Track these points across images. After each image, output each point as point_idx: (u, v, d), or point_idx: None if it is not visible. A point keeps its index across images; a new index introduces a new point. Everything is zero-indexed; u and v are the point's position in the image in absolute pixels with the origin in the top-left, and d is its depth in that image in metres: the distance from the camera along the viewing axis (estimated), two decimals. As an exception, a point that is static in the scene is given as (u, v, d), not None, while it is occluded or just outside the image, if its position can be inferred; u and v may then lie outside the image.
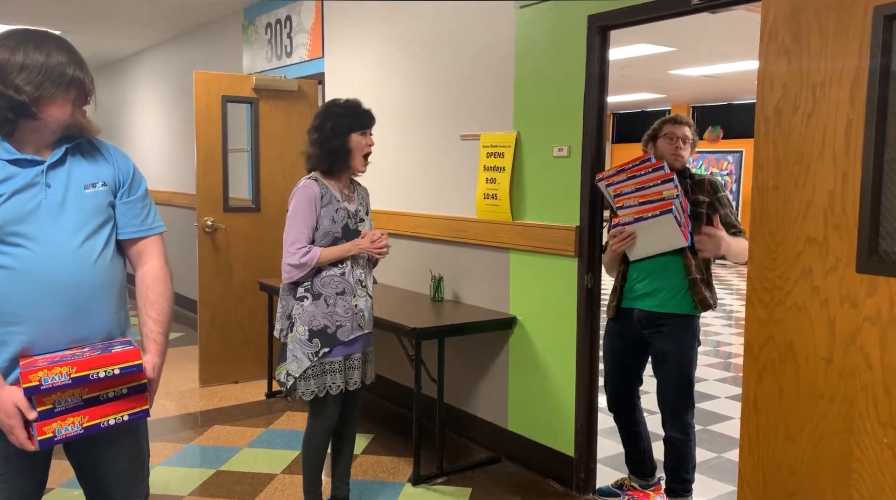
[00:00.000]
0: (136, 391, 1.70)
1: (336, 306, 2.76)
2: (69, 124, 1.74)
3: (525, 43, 3.48)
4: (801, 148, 1.93)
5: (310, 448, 2.90)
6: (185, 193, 7.02)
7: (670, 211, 2.82)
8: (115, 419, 1.68)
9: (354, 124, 2.78)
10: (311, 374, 2.75)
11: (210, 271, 4.94)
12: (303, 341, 2.75)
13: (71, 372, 1.60)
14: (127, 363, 1.66)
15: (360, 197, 2.93)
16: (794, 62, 1.93)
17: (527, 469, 3.59)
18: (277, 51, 5.57)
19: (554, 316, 3.43)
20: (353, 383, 2.85)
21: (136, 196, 1.89)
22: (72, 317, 1.72)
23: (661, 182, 2.86)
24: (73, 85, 1.70)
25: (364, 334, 2.86)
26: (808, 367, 1.94)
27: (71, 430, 1.63)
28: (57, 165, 1.75)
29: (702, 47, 7.21)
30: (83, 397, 1.64)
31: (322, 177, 2.82)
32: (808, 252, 1.93)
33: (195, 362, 5.12)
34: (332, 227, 2.76)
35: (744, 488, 2.13)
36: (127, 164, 1.90)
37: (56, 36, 1.75)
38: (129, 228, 1.87)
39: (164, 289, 1.90)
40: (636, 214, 2.91)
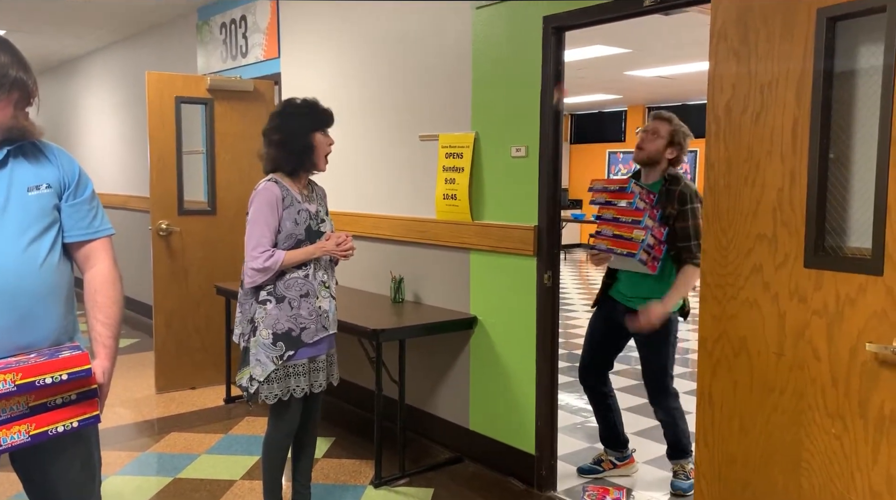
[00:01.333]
0: (85, 397, 1.66)
1: (300, 309, 2.73)
2: (10, 127, 1.69)
3: (482, 44, 3.50)
4: (751, 147, 1.98)
5: (271, 452, 2.86)
6: (140, 197, 6.88)
7: (634, 255, 3.03)
8: (64, 425, 1.64)
9: (316, 123, 2.76)
10: (274, 377, 2.72)
11: (165, 275, 4.84)
12: (266, 345, 2.72)
13: (16, 379, 1.55)
14: (75, 368, 1.61)
15: (319, 197, 2.90)
16: (743, 64, 1.97)
17: (489, 469, 3.61)
18: (233, 51, 5.49)
19: (514, 315, 3.45)
20: (318, 385, 2.83)
21: (83, 198, 1.85)
22: (16, 324, 1.67)
23: (632, 221, 3.04)
24: (15, 87, 1.65)
25: (328, 335, 2.83)
26: (760, 361, 1.99)
27: (17, 438, 1.57)
28: None
29: (656, 49, 7.33)
30: (29, 404, 1.59)
31: (282, 178, 2.78)
32: (758, 248, 1.98)
33: (151, 369, 5.02)
34: (295, 229, 2.72)
35: (700, 481, 2.17)
36: (72, 166, 1.85)
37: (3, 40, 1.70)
38: (76, 230, 1.83)
39: (113, 292, 1.85)
40: (610, 244, 3.13)
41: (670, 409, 3.24)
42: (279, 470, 2.88)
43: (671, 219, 3.07)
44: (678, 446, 3.29)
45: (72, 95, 8.75)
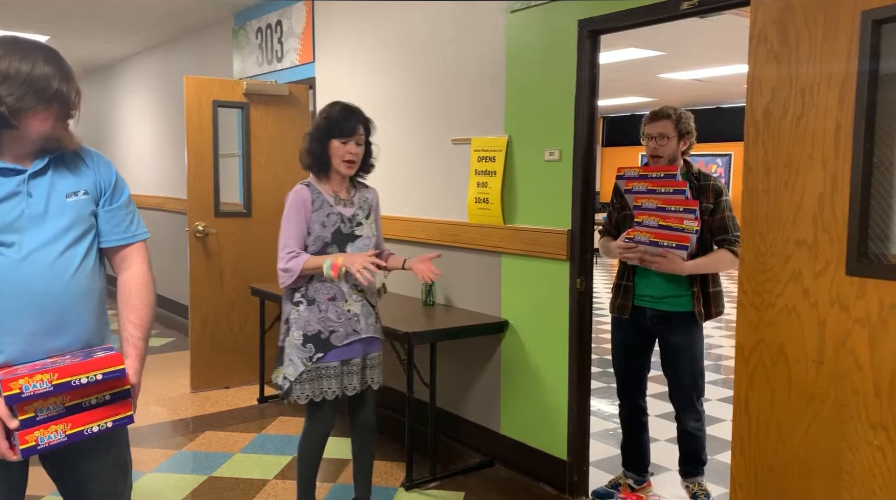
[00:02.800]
0: (119, 398, 1.69)
1: (328, 312, 2.75)
2: (48, 137, 1.70)
3: (516, 47, 3.50)
4: (791, 151, 1.95)
5: (303, 452, 2.89)
6: (177, 198, 7.00)
7: (686, 248, 2.87)
8: (99, 425, 1.67)
9: (333, 131, 2.76)
10: (305, 378, 2.75)
11: (201, 276, 4.92)
12: (298, 346, 2.75)
13: (52, 379, 1.58)
14: (109, 368, 1.64)
15: (362, 200, 2.88)
16: (783, 66, 1.94)
17: (519, 473, 3.59)
18: (268, 55, 5.56)
19: (546, 319, 3.44)
20: (352, 388, 2.83)
21: (119, 204, 1.88)
22: (50, 327, 1.70)
23: (684, 210, 2.88)
24: (57, 99, 1.66)
25: (362, 339, 2.83)
26: (799, 369, 1.95)
27: (54, 438, 1.61)
28: (39, 175, 1.72)
29: (691, 51, 7.25)
30: (65, 404, 1.62)
31: (315, 181, 2.82)
32: (797, 255, 1.95)
33: (186, 368, 5.10)
34: (322, 232, 2.75)
35: (736, 489, 2.14)
36: (109, 171, 1.88)
37: (45, 46, 1.71)
38: (113, 235, 1.86)
39: (147, 295, 1.87)
40: (653, 236, 2.94)
41: (701, 414, 3.14)
42: (312, 470, 2.90)
43: (706, 213, 2.99)
44: (698, 459, 3.17)
45: (112, 99, 8.94)
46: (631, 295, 3.12)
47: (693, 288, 3.00)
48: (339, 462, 3.71)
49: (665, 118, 3.04)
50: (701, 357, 3.13)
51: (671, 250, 2.89)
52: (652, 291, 3.07)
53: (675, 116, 3.04)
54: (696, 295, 3.01)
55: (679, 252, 2.89)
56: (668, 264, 2.91)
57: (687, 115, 3.08)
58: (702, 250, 2.99)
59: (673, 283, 3.02)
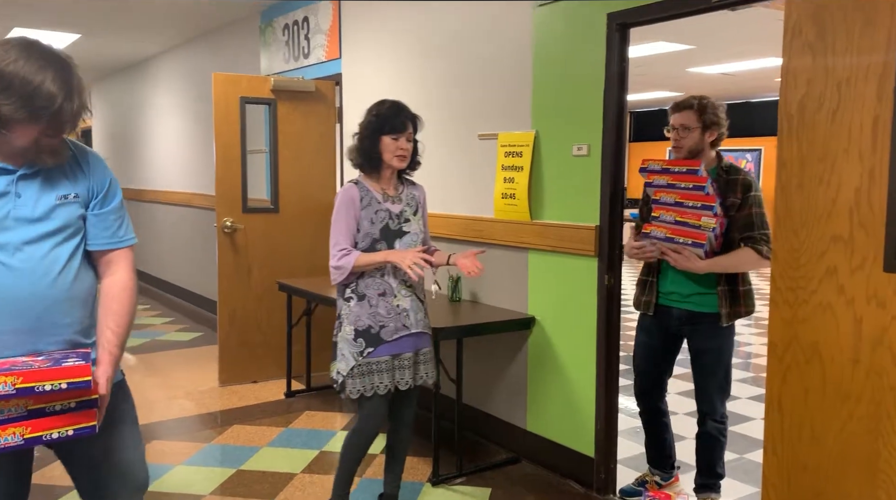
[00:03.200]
0: (84, 406, 1.65)
1: (378, 307, 2.78)
2: (25, 150, 1.67)
3: (543, 41, 3.47)
4: (826, 145, 1.91)
5: (350, 444, 2.90)
6: (203, 194, 7.07)
7: (702, 246, 2.79)
8: (59, 432, 1.63)
9: (385, 127, 2.78)
10: (357, 373, 2.77)
11: (229, 271, 4.97)
12: (349, 341, 2.79)
13: (16, 382, 1.55)
14: (75, 379, 1.60)
15: (410, 197, 2.91)
16: (819, 59, 1.90)
17: (546, 470, 3.58)
18: (295, 52, 5.59)
19: (573, 316, 3.42)
20: (405, 383, 2.85)
21: (109, 208, 1.85)
22: (32, 328, 1.69)
23: (702, 206, 2.79)
24: (50, 119, 1.63)
25: (412, 334, 2.85)
26: (834, 367, 1.91)
27: (11, 440, 1.58)
28: (30, 176, 1.72)
29: (720, 45, 7.15)
30: (28, 407, 1.60)
31: (364, 178, 2.85)
32: (833, 251, 1.91)
33: (214, 362, 5.16)
34: (371, 228, 2.78)
35: (768, 489, 2.11)
36: (104, 175, 1.85)
37: (63, 60, 1.66)
38: (100, 239, 1.84)
39: (127, 301, 1.85)
40: (669, 232, 2.86)
41: (724, 418, 3.04)
42: (355, 463, 2.92)
43: (732, 209, 2.87)
44: (712, 471, 3.06)
45: (141, 96, 9.05)
46: (654, 291, 3.04)
47: (720, 287, 2.89)
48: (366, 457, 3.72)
49: (687, 109, 2.94)
50: (729, 361, 3.02)
51: (687, 247, 2.82)
52: (679, 288, 2.98)
53: (697, 106, 2.92)
54: (722, 294, 2.89)
55: (695, 250, 2.80)
56: (683, 260, 2.83)
57: (713, 105, 2.95)
58: (727, 248, 2.87)
59: (700, 280, 2.92)
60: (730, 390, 3.07)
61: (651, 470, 3.31)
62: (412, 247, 2.84)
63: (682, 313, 2.99)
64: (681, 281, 2.97)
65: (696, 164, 2.84)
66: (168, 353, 5.86)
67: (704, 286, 2.93)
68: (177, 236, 8.06)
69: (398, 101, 2.87)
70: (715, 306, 2.92)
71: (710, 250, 2.82)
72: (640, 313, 3.16)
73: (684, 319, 2.99)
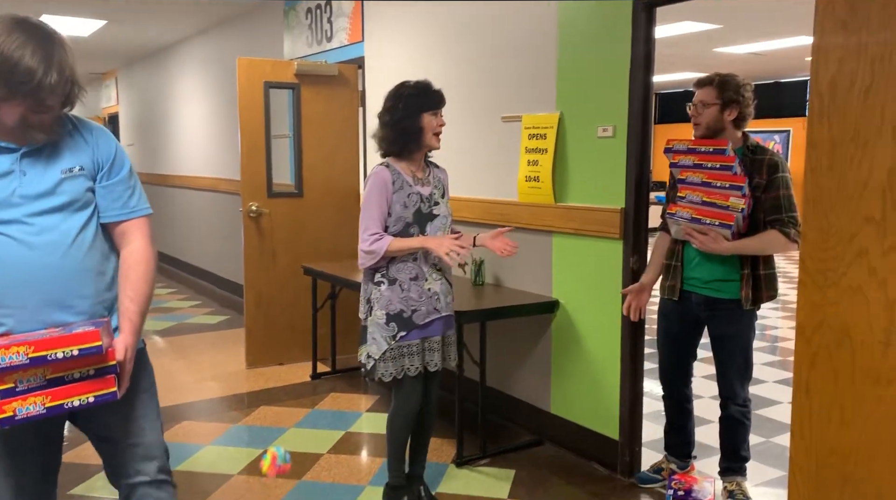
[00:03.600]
0: (103, 373, 1.67)
1: (410, 291, 2.79)
2: (13, 128, 1.69)
3: (568, 22, 3.43)
4: (858, 125, 1.87)
5: (392, 427, 2.94)
6: (230, 179, 7.13)
7: (730, 227, 2.73)
8: (80, 399, 1.65)
9: (425, 104, 2.78)
10: (389, 356, 2.80)
11: (255, 255, 5.01)
12: (381, 325, 2.80)
13: (28, 352, 1.57)
14: (85, 345, 1.61)
15: (436, 179, 2.92)
16: (852, 36, 1.86)
17: (570, 452, 3.59)
18: (318, 36, 5.59)
19: (598, 299, 3.40)
20: (434, 364, 2.88)
21: (117, 179, 1.86)
22: (48, 301, 1.72)
23: (730, 186, 2.73)
24: (31, 95, 1.64)
25: (442, 317, 2.87)
26: (865, 350, 1.89)
27: (32, 409, 1.61)
28: (33, 153, 1.74)
29: (748, 23, 7.02)
30: (47, 377, 1.62)
31: (394, 161, 2.84)
32: (864, 232, 1.87)
33: (241, 345, 5.22)
34: (404, 212, 2.78)
35: (795, 473, 2.09)
36: (109, 147, 1.86)
37: (50, 34, 1.67)
38: (111, 211, 1.85)
39: (144, 270, 1.85)
40: (695, 213, 2.81)
41: (747, 401, 3.01)
42: (402, 445, 2.95)
43: (758, 190, 2.80)
44: (736, 454, 3.04)
45: (165, 82, 9.13)
46: (679, 276, 3.00)
47: (743, 270, 2.84)
48: (390, 439, 3.76)
49: (707, 85, 2.88)
50: (749, 346, 2.98)
51: (713, 229, 2.77)
52: (700, 273, 2.93)
53: (718, 82, 2.85)
54: (745, 278, 2.84)
55: (722, 231, 2.75)
56: (709, 242, 2.77)
57: (736, 83, 2.86)
58: (752, 230, 2.82)
59: (722, 265, 2.87)
60: (751, 375, 3.04)
61: (668, 457, 3.28)
62: (442, 230, 2.85)
63: (700, 299, 2.96)
64: (703, 266, 2.93)
65: (723, 143, 2.78)
66: (195, 336, 5.95)
67: (727, 272, 2.88)
68: (203, 221, 8.14)
69: (417, 80, 2.86)
70: (734, 292, 2.88)
71: (737, 231, 2.78)
72: (660, 299, 3.13)
73: (703, 304, 2.96)
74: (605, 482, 3.31)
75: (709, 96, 2.87)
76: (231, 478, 3.31)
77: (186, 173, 8.54)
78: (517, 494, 3.18)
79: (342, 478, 3.32)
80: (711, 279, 2.92)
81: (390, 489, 3.01)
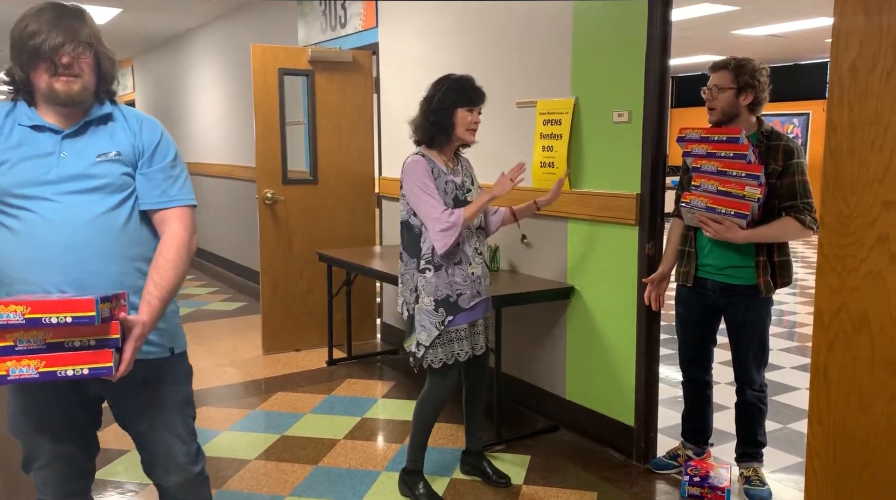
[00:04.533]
0: (103, 346, 1.63)
1: (455, 276, 2.84)
2: (48, 95, 1.76)
3: (583, 5, 3.40)
4: (880, 108, 1.84)
5: (425, 409, 2.98)
6: (245, 166, 7.16)
7: (746, 216, 2.71)
8: (74, 369, 1.62)
9: (461, 99, 2.83)
10: (438, 342, 2.85)
11: (271, 242, 5.04)
12: (429, 312, 2.83)
13: (25, 312, 1.56)
14: (79, 313, 1.57)
15: (465, 169, 2.99)
16: (874, 17, 1.82)
17: (585, 438, 3.59)
18: (332, 22, 5.58)
19: (613, 285, 3.39)
20: (480, 347, 2.96)
21: (157, 167, 1.87)
22: (75, 280, 1.74)
23: (747, 175, 2.69)
24: (39, 56, 1.72)
25: (483, 299, 2.93)
26: (884, 336, 1.87)
27: (25, 372, 1.59)
28: (74, 135, 1.79)
29: (767, 5, 6.91)
30: (46, 340, 1.60)
31: (427, 150, 2.90)
32: (885, 217, 1.85)
33: (258, 331, 5.26)
34: (444, 198, 2.82)
35: (813, 458, 2.08)
36: (153, 134, 1.89)
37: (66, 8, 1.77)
38: (149, 198, 1.86)
39: (174, 257, 1.83)
40: (710, 202, 2.78)
41: (763, 386, 3.00)
42: (427, 431, 3.01)
43: (773, 176, 2.77)
44: (753, 440, 3.03)
45: (181, 70, 9.15)
46: (694, 262, 2.98)
47: (759, 257, 2.82)
48: (405, 424, 3.78)
49: (723, 69, 2.84)
50: (765, 332, 2.96)
51: (728, 218, 2.74)
52: (714, 260, 2.92)
53: (734, 66, 2.81)
54: (761, 264, 2.82)
55: (737, 220, 2.72)
56: (724, 230, 2.75)
57: (752, 67, 2.82)
58: (767, 217, 2.79)
59: (736, 252, 2.84)
60: (767, 360, 3.03)
61: (684, 444, 3.27)
62: (478, 216, 2.93)
63: (716, 285, 2.94)
64: (717, 253, 2.91)
65: (736, 131, 2.75)
66: (213, 322, 6.00)
67: (741, 258, 2.86)
68: (219, 208, 8.18)
69: (462, 75, 2.92)
70: (749, 278, 2.86)
71: (752, 219, 2.75)
72: (677, 285, 3.11)
73: (719, 291, 2.94)
74: (620, 468, 3.31)
75: (724, 80, 2.84)
76: (249, 463, 3.34)
77: (202, 160, 8.58)
78: (532, 480, 3.19)
79: (358, 464, 3.34)
80: (725, 266, 2.90)
81: (406, 473, 3.04)
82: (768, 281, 2.85)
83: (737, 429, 3.09)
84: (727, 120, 2.88)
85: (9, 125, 1.77)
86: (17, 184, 1.72)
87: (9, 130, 1.76)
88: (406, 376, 4.54)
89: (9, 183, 1.72)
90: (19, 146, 1.75)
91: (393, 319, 5.21)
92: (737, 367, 3.03)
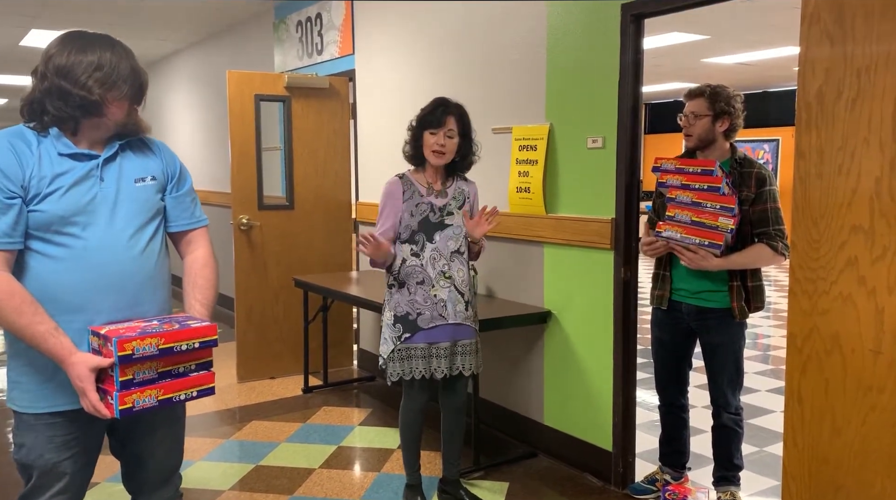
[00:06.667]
0: (203, 368, 1.77)
1: (416, 295, 2.90)
2: (125, 122, 1.83)
3: (557, 33, 3.45)
4: (846, 135, 1.88)
5: (402, 426, 3.10)
6: (221, 192, 7.11)
7: (719, 246, 2.74)
8: (186, 394, 1.74)
9: (424, 123, 2.94)
10: (396, 357, 2.91)
11: (246, 268, 5.00)
12: (389, 326, 2.94)
13: (159, 344, 1.66)
14: (206, 337, 1.73)
15: (459, 191, 3.02)
16: (838, 47, 1.88)
17: (563, 464, 3.58)
18: (308, 49, 5.60)
19: (590, 310, 3.41)
20: (441, 371, 2.94)
21: (184, 190, 1.98)
22: (123, 306, 1.79)
23: (721, 207, 2.73)
24: (134, 87, 1.80)
25: (450, 325, 2.92)
26: (855, 358, 1.89)
27: (148, 402, 1.68)
28: (110, 160, 1.83)
29: (735, 34, 7.08)
30: (158, 370, 1.70)
31: (412, 172, 3.01)
32: (853, 241, 1.88)
33: (232, 359, 5.19)
34: (410, 220, 2.92)
35: (788, 481, 2.09)
36: (174, 159, 1.99)
37: (117, 40, 1.84)
38: (181, 220, 1.97)
39: (210, 275, 1.97)
40: (685, 232, 2.81)
41: (739, 409, 3.01)
42: (408, 443, 3.10)
43: (746, 203, 2.82)
44: (730, 463, 3.03)
45: (156, 95, 9.11)
46: (668, 285, 3.01)
47: (733, 282, 2.86)
48: (382, 452, 3.74)
49: (699, 96, 2.90)
50: (740, 355, 2.99)
51: (702, 248, 2.78)
52: (688, 284, 2.95)
53: (709, 93, 2.87)
54: (735, 289, 2.86)
55: (711, 250, 2.76)
56: (698, 259, 2.79)
57: (727, 94, 2.88)
58: (740, 242, 2.84)
59: (709, 277, 2.88)
60: (742, 383, 3.04)
61: (662, 468, 3.27)
62: (453, 239, 2.95)
63: (690, 309, 2.97)
64: (691, 278, 2.94)
65: (710, 164, 2.78)
66: (186, 350, 5.90)
67: (714, 284, 2.90)
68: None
69: (441, 97, 3.01)
70: (723, 301, 2.89)
71: (726, 246, 2.79)
72: (652, 308, 3.13)
73: (693, 314, 2.96)
74: (598, 493, 3.30)
75: (700, 107, 2.90)
76: (222, 494, 3.28)
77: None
78: (511, 506, 3.17)
79: (335, 493, 3.29)
80: (700, 290, 2.94)
81: (406, 488, 3.16)
82: (742, 306, 2.89)
83: (714, 453, 3.10)
84: (703, 146, 2.93)
85: (46, 154, 1.76)
86: (69, 211, 1.74)
87: (49, 159, 1.75)
88: (384, 403, 4.50)
89: (62, 210, 1.73)
90: (64, 174, 1.76)
91: (370, 345, 5.17)
92: (712, 390, 3.04)
